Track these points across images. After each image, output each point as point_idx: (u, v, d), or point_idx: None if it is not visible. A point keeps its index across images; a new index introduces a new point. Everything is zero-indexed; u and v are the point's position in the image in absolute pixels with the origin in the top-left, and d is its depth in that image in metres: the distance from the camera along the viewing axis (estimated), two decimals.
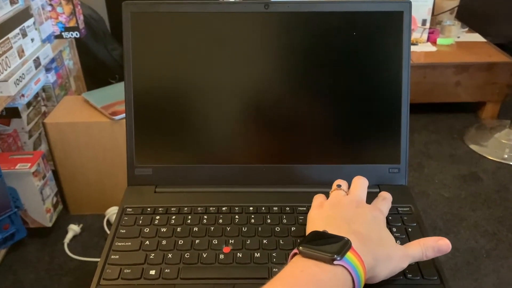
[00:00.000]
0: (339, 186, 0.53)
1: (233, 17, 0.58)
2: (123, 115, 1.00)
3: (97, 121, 1.01)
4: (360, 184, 0.53)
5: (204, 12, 0.58)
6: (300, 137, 0.60)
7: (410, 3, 0.58)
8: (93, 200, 1.10)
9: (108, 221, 1.07)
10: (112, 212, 1.07)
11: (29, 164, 0.96)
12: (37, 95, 1.16)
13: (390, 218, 0.54)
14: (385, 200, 0.53)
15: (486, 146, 1.40)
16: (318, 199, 0.53)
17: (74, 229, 1.05)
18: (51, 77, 1.23)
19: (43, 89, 1.22)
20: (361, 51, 0.59)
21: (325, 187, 0.55)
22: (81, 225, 1.07)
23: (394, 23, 0.58)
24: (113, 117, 1.00)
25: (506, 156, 1.35)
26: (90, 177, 1.07)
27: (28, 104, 1.11)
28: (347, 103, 0.60)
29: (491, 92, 1.52)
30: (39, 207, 1.00)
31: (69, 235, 1.04)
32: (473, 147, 1.40)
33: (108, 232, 1.04)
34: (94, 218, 1.11)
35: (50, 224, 1.04)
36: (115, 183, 1.08)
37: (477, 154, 1.37)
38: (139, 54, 0.58)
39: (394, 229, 0.53)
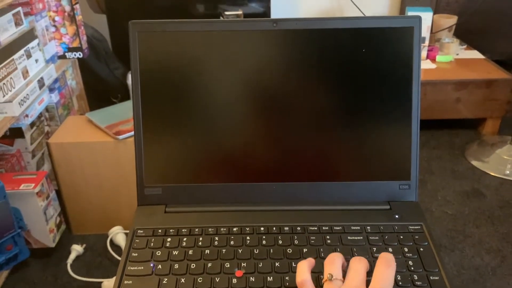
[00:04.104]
0: (330, 276, 0.45)
1: (242, 35, 0.58)
2: (127, 134, 1.00)
3: (101, 141, 1.01)
4: (359, 270, 0.45)
5: (212, 31, 0.58)
6: (310, 155, 0.60)
7: (420, 18, 0.58)
8: (96, 219, 1.10)
9: (111, 241, 1.07)
10: (115, 232, 1.07)
11: (33, 185, 0.95)
12: (40, 115, 1.16)
13: (401, 237, 0.54)
14: (388, 266, 0.44)
15: (487, 162, 1.40)
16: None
17: (77, 249, 1.05)
18: (55, 97, 1.23)
19: (46, 109, 1.22)
20: (371, 67, 0.58)
21: (335, 205, 0.55)
22: (84, 245, 1.07)
23: (405, 39, 0.58)
24: (117, 136, 1.00)
25: (508, 172, 1.35)
26: (94, 197, 1.07)
27: (32, 124, 1.11)
28: (357, 120, 0.59)
29: (491, 108, 1.53)
30: (43, 228, 1.00)
31: (72, 255, 1.04)
32: (474, 163, 1.40)
33: (112, 252, 1.03)
34: (97, 238, 1.10)
35: (53, 245, 1.03)
36: (118, 203, 1.07)
37: (479, 170, 1.37)
38: (147, 73, 0.58)
39: (406, 249, 0.53)
